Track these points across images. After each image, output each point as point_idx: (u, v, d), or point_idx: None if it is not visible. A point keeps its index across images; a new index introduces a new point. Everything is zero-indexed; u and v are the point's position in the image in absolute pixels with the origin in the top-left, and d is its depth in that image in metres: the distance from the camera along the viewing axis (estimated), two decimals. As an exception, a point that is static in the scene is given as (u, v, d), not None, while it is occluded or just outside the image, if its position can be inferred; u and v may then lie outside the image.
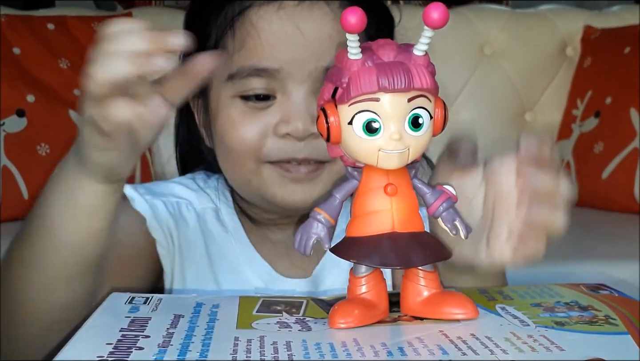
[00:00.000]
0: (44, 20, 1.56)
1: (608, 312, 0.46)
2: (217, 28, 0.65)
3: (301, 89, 0.63)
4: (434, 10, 0.41)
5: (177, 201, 0.71)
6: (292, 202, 0.65)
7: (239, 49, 0.64)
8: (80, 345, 0.41)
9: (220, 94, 0.65)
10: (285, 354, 0.39)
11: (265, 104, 0.64)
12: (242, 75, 0.63)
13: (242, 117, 0.64)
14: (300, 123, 0.62)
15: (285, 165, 0.64)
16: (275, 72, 0.63)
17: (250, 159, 0.64)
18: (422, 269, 0.46)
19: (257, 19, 0.63)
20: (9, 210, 1.41)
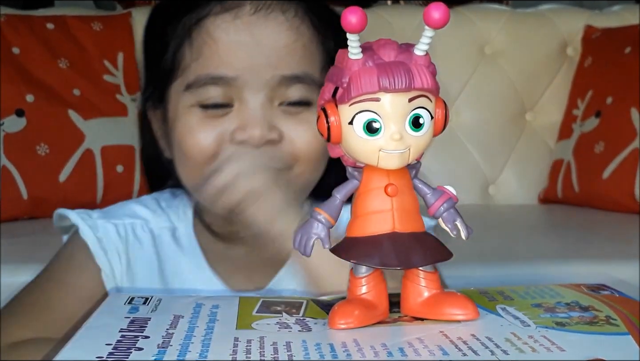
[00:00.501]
0: (43, 20, 1.56)
1: (609, 312, 0.46)
2: (175, 38, 0.66)
3: (258, 97, 0.63)
4: (435, 10, 0.41)
5: (132, 222, 0.72)
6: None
7: (196, 58, 0.64)
8: (80, 345, 0.41)
9: (179, 104, 0.66)
10: (285, 354, 0.39)
11: (223, 112, 0.64)
12: (200, 84, 0.64)
13: (199, 125, 0.64)
14: (257, 130, 0.63)
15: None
16: (232, 80, 0.63)
17: (206, 166, 0.64)
18: (423, 269, 0.46)
19: (213, 28, 0.64)
20: (8, 210, 1.42)
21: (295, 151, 0.65)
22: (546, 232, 1.55)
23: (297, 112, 0.65)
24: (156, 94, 0.69)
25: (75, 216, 0.70)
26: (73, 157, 1.47)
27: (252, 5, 0.64)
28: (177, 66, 0.66)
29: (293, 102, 0.65)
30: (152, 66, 0.70)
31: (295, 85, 0.64)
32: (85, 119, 1.49)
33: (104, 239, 0.70)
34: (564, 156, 1.63)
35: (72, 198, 1.46)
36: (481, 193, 1.72)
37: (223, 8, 0.64)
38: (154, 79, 0.69)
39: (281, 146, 0.64)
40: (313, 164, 0.67)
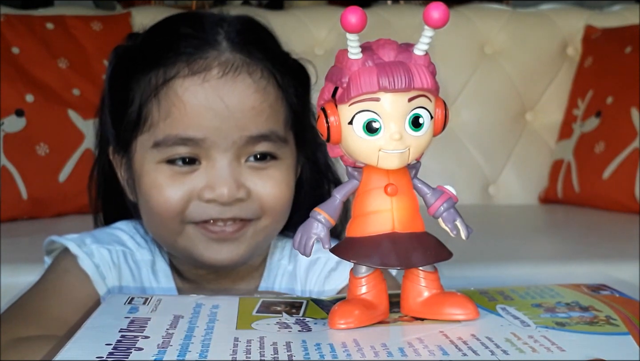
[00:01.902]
0: (43, 19, 1.56)
1: (609, 312, 0.46)
2: (141, 93, 0.67)
3: (225, 157, 0.65)
4: (435, 10, 0.41)
5: (123, 250, 0.73)
6: (219, 260, 0.67)
7: (164, 118, 0.65)
8: (80, 345, 0.41)
9: (145, 159, 0.67)
10: (285, 354, 0.39)
11: (191, 168, 0.66)
12: (168, 143, 0.65)
13: (167, 181, 0.66)
14: (226, 189, 0.64)
15: (210, 225, 0.66)
16: (200, 141, 0.65)
17: (173, 221, 0.66)
18: (423, 269, 0.46)
19: (182, 91, 0.65)
20: (8, 210, 1.41)
21: (262, 206, 0.67)
22: (546, 232, 1.55)
23: (264, 168, 0.67)
24: (120, 142, 0.70)
25: (72, 245, 0.71)
26: (73, 157, 1.47)
27: (220, 68, 0.65)
28: (143, 120, 0.67)
29: (259, 157, 0.67)
30: (115, 113, 0.71)
31: (261, 142, 0.66)
32: (85, 119, 1.49)
33: (101, 265, 0.71)
34: (564, 156, 1.63)
35: (72, 198, 1.46)
36: (481, 193, 1.72)
37: (191, 70, 0.65)
38: (118, 127, 0.70)
39: (248, 202, 0.66)
40: (278, 217, 0.69)
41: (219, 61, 0.65)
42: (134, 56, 0.70)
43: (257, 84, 0.66)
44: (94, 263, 0.70)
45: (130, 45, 0.72)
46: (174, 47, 0.66)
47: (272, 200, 0.67)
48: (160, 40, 0.69)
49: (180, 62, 0.65)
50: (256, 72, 0.66)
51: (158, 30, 0.71)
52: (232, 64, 0.65)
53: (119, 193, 0.74)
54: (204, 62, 0.65)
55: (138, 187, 0.68)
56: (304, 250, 0.45)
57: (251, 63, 0.66)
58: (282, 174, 0.67)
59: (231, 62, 0.65)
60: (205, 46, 0.66)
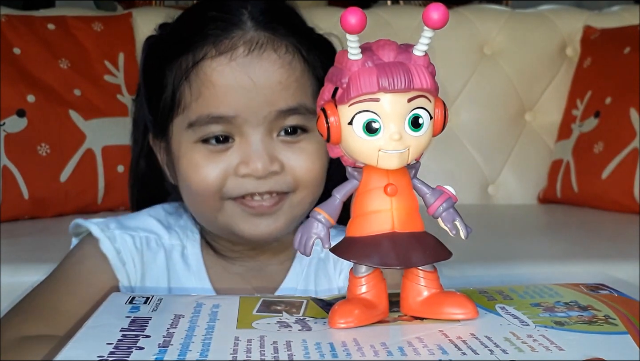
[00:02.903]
0: (44, 20, 1.56)
1: (608, 312, 0.46)
2: (173, 78, 0.69)
3: (257, 132, 0.67)
4: (434, 11, 0.41)
5: (147, 236, 0.75)
6: (258, 234, 0.69)
7: (196, 99, 0.67)
8: (81, 344, 0.41)
9: (182, 141, 0.69)
10: (285, 354, 0.39)
11: (225, 146, 0.67)
12: (201, 123, 0.67)
13: (204, 161, 0.67)
14: (260, 164, 0.66)
15: (248, 200, 0.68)
16: (231, 118, 0.66)
17: (213, 198, 0.68)
18: (422, 269, 0.46)
19: (210, 71, 0.67)
20: (9, 210, 1.42)
21: (296, 179, 0.68)
22: (545, 232, 1.55)
23: (296, 141, 0.68)
24: (158, 127, 0.72)
25: (95, 228, 0.72)
26: (74, 158, 1.47)
27: (246, 47, 0.67)
28: (177, 103, 0.69)
29: (290, 131, 0.68)
30: (151, 100, 0.73)
31: (291, 116, 0.68)
32: (86, 120, 1.49)
33: (122, 250, 0.72)
34: (563, 156, 1.64)
35: (73, 198, 1.46)
36: (480, 193, 1.72)
37: (218, 51, 0.67)
38: (155, 113, 0.72)
39: (283, 176, 0.68)
40: (313, 190, 0.70)
41: (244, 40, 0.67)
42: (164, 44, 0.72)
43: (283, 59, 0.67)
44: (115, 248, 0.71)
45: (160, 34, 0.74)
46: (201, 31, 0.68)
47: (306, 172, 0.68)
48: (188, 26, 0.71)
49: (207, 44, 0.67)
50: (281, 48, 0.68)
51: (185, 18, 0.73)
52: (257, 42, 0.67)
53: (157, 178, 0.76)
54: (229, 42, 0.67)
55: (177, 168, 0.70)
56: (304, 250, 0.45)
57: (276, 39, 0.68)
58: (313, 146, 0.69)
59: (256, 40, 0.67)
60: (230, 27, 0.67)
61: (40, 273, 0.75)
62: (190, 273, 0.74)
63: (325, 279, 0.75)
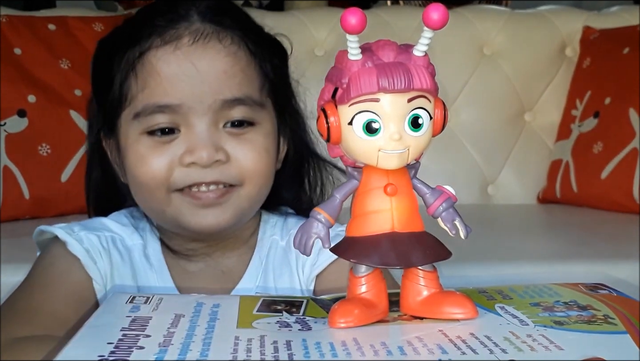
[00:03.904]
0: (44, 20, 1.56)
1: (607, 312, 0.46)
2: (120, 72, 0.69)
3: (203, 121, 0.67)
4: (434, 11, 0.41)
5: (112, 235, 0.74)
6: (205, 226, 0.69)
7: (142, 89, 0.68)
8: (81, 344, 0.41)
9: (129, 133, 0.69)
10: (285, 353, 0.39)
11: (171, 138, 0.67)
12: (147, 113, 0.67)
13: (149, 152, 0.68)
14: (205, 152, 0.66)
15: (195, 193, 0.68)
16: (177, 107, 0.67)
17: (159, 190, 0.68)
18: (422, 269, 0.46)
19: (156, 60, 0.67)
20: (10, 210, 1.42)
21: (241, 171, 0.68)
22: (545, 232, 1.55)
23: (242, 133, 0.68)
24: (107, 125, 0.72)
25: (61, 231, 0.72)
26: (75, 158, 1.47)
27: (191, 36, 0.67)
28: (124, 97, 0.69)
29: (237, 123, 0.68)
30: (100, 98, 0.73)
31: (237, 107, 0.68)
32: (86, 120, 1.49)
33: (90, 250, 0.72)
34: (563, 156, 1.64)
35: (74, 198, 1.46)
36: (480, 193, 1.72)
37: (163, 41, 0.67)
38: (104, 110, 0.72)
39: (228, 166, 0.68)
40: (259, 183, 0.70)
41: (190, 30, 0.68)
42: (113, 40, 0.73)
43: (228, 49, 0.68)
44: (83, 248, 0.71)
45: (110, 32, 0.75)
46: (148, 24, 0.69)
47: (252, 164, 0.68)
48: (136, 21, 0.72)
49: (153, 35, 0.68)
50: (226, 39, 0.69)
51: (135, 15, 0.74)
52: (202, 32, 0.68)
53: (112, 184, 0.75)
54: (175, 32, 0.68)
55: (124, 163, 0.70)
56: (304, 250, 0.45)
57: (221, 31, 0.69)
58: (260, 138, 0.69)
59: (201, 30, 0.68)
60: (177, 18, 0.68)
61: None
62: (153, 272, 0.74)
63: (287, 271, 0.74)
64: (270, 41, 0.74)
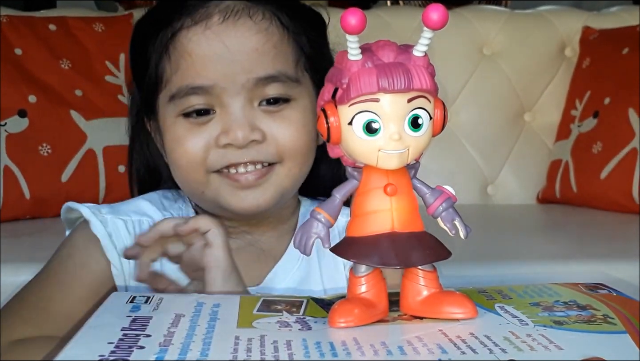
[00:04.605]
0: (45, 21, 1.56)
1: (607, 311, 0.46)
2: (154, 53, 0.69)
3: (237, 101, 0.66)
4: (434, 12, 0.41)
5: (140, 219, 0.73)
6: (246, 208, 0.68)
7: (175, 71, 0.67)
8: (82, 344, 0.41)
9: (165, 115, 0.69)
10: (285, 353, 0.39)
11: (206, 119, 0.67)
12: (181, 95, 0.67)
13: (185, 134, 0.67)
14: (240, 132, 0.65)
15: (233, 175, 0.67)
16: (210, 88, 0.66)
17: (197, 172, 0.67)
18: (422, 269, 0.46)
19: (187, 41, 0.67)
20: (10, 210, 1.42)
21: (279, 149, 0.67)
22: (544, 231, 1.55)
23: (278, 110, 0.67)
24: (148, 106, 0.72)
25: (86, 210, 0.71)
26: (75, 158, 1.47)
27: (221, 15, 0.66)
28: (159, 79, 0.68)
29: (272, 101, 0.67)
30: (139, 80, 0.73)
31: (271, 84, 0.67)
32: (87, 120, 1.49)
33: (113, 234, 0.71)
34: (562, 156, 1.64)
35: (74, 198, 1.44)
36: (480, 193, 1.72)
37: (193, 21, 0.66)
38: (143, 92, 0.72)
39: (265, 145, 0.67)
40: (299, 161, 0.69)
41: (220, 8, 0.67)
42: (147, 22, 0.72)
43: (259, 25, 0.67)
44: (106, 231, 0.70)
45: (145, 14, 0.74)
46: (179, 3, 0.68)
47: (290, 142, 0.67)
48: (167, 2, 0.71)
49: (184, 15, 0.67)
50: (257, 14, 0.67)
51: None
52: (233, 9, 0.67)
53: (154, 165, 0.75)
54: (205, 11, 0.67)
55: (164, 145, 0.70)
56: (304, 250, 0.45)
57: (252, 6, 0.67)
58: (297, 115, 0.68)
59: (231, 7, 0.67)
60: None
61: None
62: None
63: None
64: (306, 13, 0.72)
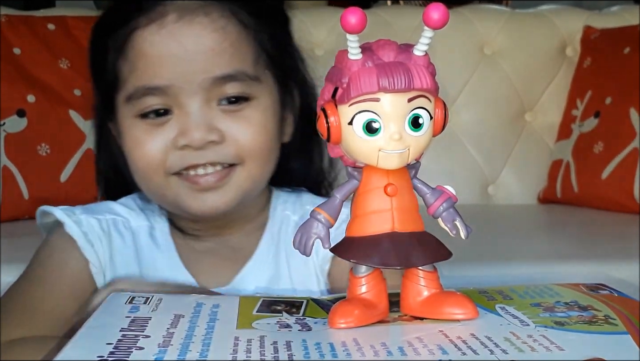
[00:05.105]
0: (44, 20, 1.56)
1: (608, 312, 0.46)
2: (111, 52, 0.68)
3: (194, 101, 0.65)
4: (434, 11, 0.41)
5: (114, 218, 0.73)
6: (206, 210, 0.67)
7: (131, 72, 0.66)
8: (81, 344, 0.41)
9: (124, 116, 0.68)
10: (285, 354, 0.39)
11: (164, 120, 0.66)
12: (138, 95, 0.66)
13: (143, 135, 0.66)
14: (197, 133, 0.64)
15: (193, 177, 0.66)
16: (166, 88, 0.65)
17: (156, 174, 0.67)
18: (422, 269, 0.46)
19: (142, 41, 0.65)
20: (9, 210, 1.42)
21: (239, 150, 0.66)
22: (545, 232, 1.55)
23: (237, 110, 0.66)
24: (107, 108, 0.71)
25: (60, 212, 0.71)
26: (74, 158, 1.47)
27: (176, 13, 0.65)
28: (117, 78, 0.67)
29: (232, 100, 0.66)
30: (98, 80, 0.72)
31: (229, 83, 0.66)
32: (86, 119, 1.49)
33: (89, 233, 0.70)
34: (563, 156, 1.64)
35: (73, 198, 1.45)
36: (480, 193, 1.72)
37: (149, 20, 0.65)
38: (102, 92, 0.71)
39: (224, 146, 0.66)
40: (261, 162, 0.68)
41: (175, 6, 0.65)
42: (104, 22, 0.71)
43: (215, 23, 0.66)
44: (81, 231, 0.70)
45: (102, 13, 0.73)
46: (135, 4, 0.67)
47: (249, 142, 0.66)
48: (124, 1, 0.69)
49: (140, 14, 0.66)
50: (214, 13, 0.66)
51: None
52: (188, 8, 0.65)
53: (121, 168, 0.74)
54: (161, 10, 0.65)
55: (123, 146, 0.69)
56: (304, 250, 0.45)
57: (209, 4, 0.66)
58: (257, 114, 0.67)
59: (187, 5, 0.66)
60: None
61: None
62: (160, 252, 0.72)
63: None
64: (267, 9, 0.71)
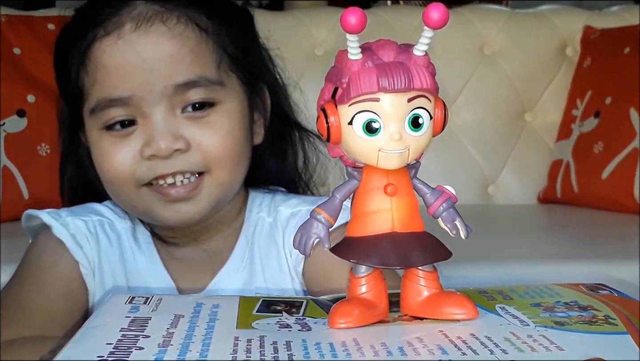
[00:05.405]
0: (44, 20, 1.56)
1: (608, 312, 0.46)
2: (73, 65, 0.67)
3: (158, 110, 0.65)
4: (434, 11, 0.41)
5: (100, 219, 0.73)
6: (179, 221, 0.67)
7: (92, 84, 0.66)
8: (81, 344, 0.41)
9: (90, 129, 0.67)
10: (285, 354, 0.39)
11: (129, 130, 0.66)
12: (101, 108, 0.65)
13: (110, 147, 0.66)
14: (162, 142, 0.64)
15: (163, 188, 0.66)
16: (128, 99, 0.64)
17: (126, 186, 0.66)
18: (422, 269, 0.46)
19: (100, 53, 0.65)
20: (9, 210, 1.42)
21: (204, 157, 0.66)
22: (545, 232, 1.55)
23: (203, 116, 0.66)
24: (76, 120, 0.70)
25: (46, 216, 0.71)
26: (74, 158, 1.47)
27: (132, 23, 0.65)
28: (80, 91, 0.67)
29: (196, 106, 0.66)
30: (64, 93, 0.72)
31: (192, 89, 0.65)
32: (85, 120, 1.49)
33: (77, 235, 0.70)
34: (563, 156, 1.64)
35: (73, 198, 1.46)
36: (480, 193, 1.72)
37: (105, 31, 0.65)
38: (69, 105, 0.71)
39: (190, 154, 0.65)
40: (230, 168, 0.67)
41: (132, 15, 0.65)
42: (65, 35, 0.71)
43: (173, 30, 0.65)
44: (69, 233, 0.70)
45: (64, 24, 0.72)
46: (93, 13, 0.66)
47: (214, 148, 0.66)
48: (83, 11, 0.69)
49: (97, 25, 0.65)
50: (171, 19, 0.65)
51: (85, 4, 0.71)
52: (145, 16, 0.65)
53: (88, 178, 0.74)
54: (117, 20, 0.65)
55: (93, 159, 0.69)
56: (304, 250, 0.45)
57: (165, 11, 0.66)
58: (222, 119, 0.66)
59: (143, 14, 0.65)
60: (120, 5, 0.65)
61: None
62: (142, 255, 0.72)
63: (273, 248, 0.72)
64: (228, 11, 0.70)
